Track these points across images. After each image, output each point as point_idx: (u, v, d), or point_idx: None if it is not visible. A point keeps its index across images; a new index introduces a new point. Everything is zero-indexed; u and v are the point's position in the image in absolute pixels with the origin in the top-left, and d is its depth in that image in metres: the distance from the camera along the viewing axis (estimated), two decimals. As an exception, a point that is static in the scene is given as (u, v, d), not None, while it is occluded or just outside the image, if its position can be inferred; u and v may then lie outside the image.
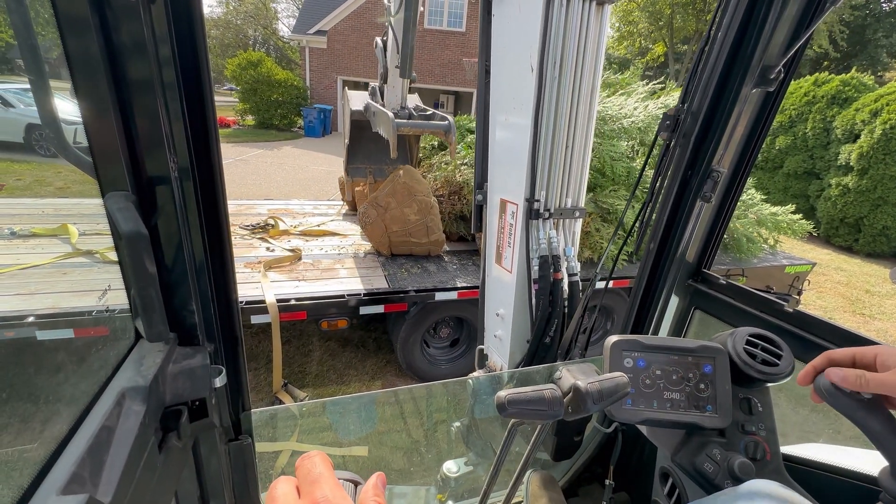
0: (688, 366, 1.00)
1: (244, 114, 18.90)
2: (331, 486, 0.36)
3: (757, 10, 1.17)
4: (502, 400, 0.80)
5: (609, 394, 0.79)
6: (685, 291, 1.57)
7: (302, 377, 4.09)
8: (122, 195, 0.71)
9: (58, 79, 0.69)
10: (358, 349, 4.61)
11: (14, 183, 4.33)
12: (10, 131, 5.34)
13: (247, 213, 5.24)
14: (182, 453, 0.88)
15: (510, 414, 0.81)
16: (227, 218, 0.87)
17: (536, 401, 0.81)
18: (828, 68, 20.95)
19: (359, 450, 2.84)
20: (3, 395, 0.90)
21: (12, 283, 2.85)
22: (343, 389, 3.97)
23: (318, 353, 4.46)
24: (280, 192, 9.49)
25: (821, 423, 1.75)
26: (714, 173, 1.32)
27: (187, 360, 0.83)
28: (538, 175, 1.80)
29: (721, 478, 0.92)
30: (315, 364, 4.30)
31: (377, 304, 3.62)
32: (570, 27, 1.64)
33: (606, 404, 0.80)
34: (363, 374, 4.24)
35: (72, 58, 0.63)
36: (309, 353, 4.46)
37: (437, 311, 3.92)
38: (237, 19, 37.85)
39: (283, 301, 3.33)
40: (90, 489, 0.57)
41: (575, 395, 0.80)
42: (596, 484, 1.82)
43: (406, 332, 3.92)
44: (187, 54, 0.72)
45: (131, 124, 0.69)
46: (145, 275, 0.73)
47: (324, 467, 0.38)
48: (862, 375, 0.71)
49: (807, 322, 1.20)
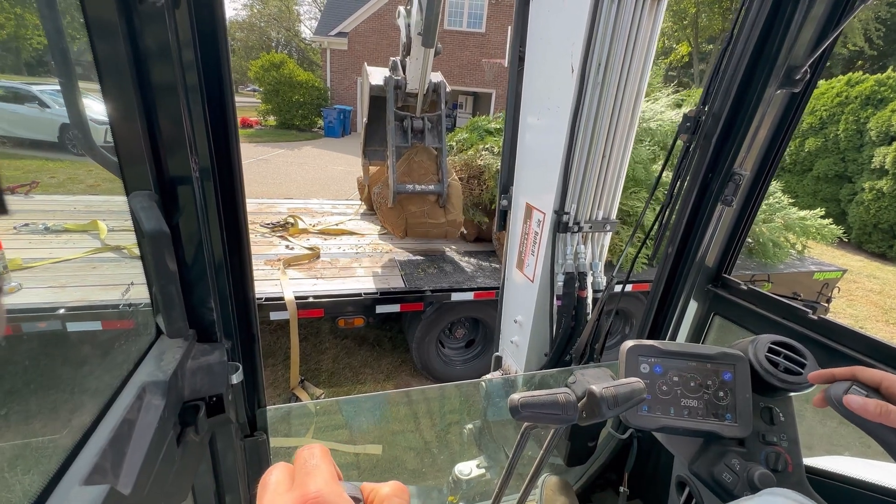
0: (707, 373, 0.98)
1: (266, 114, 19.32)
2: (325, 479, 0.34)
3: (783, 8, 1.13)
4: (515, 403, 0.79)
5: (624, 399, 0.77)
6: (704, 296, 1.53)
7: (318, 374, 4.15)
8: (145, 194, 0.73)
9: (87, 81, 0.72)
10: (374, 348, 4.64)
11: (48, 180, 4.46)
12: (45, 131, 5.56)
13: (267, 212, 5.32)
14: (199, 448, 0.90)
15: (523, 417, 0.80)
16: (246, 217, 0.89)
17: (550, 405, 0.79)
18: (861, 67, 20.20)
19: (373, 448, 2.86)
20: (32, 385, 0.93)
21: (45, 276, 2.92)
22: (358, 388, 4.01)
23: (334, 351, 4.51)
24: (300, 192, 9.62)
25: (848, 435, 1.69)
26: (736, 176, 1.29)
27: (205, 356, 0.85)
28: (570, 186, 1.68)
29: (740, 489, 0.90)
30: (331, 362, 4.35)
31: (393, 304, 3.65)
32: (621, 25, 1.48)
33: (621, 410, 0.78)
34: (378, 372, 4.28)
35: (100, 61, 0.66)
36: (325, 351, 4.52)
37: (453, 312, 3.91)
38: (261, 22, 39.06)
39: (301, 298, 3.38)
40: (111, 480, 0.59)
41: (589, 399, 0.79)
42: (610, 491, 1.79)
43: (421, 331, 3.93)
44: (210, 58, 0.74)
45: (155, 126, 0.71)
46: (166, 272, 0.75)
47: (322, 459, 0.36)
48: (884, 407, 0.68)
49: (832, 330, 1.15)
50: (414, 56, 3.41)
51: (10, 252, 2.84)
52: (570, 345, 1.88)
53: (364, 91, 4.26)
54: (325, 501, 0.32)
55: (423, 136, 3.99)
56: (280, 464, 0.38)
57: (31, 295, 2.53)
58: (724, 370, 0.98)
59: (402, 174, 3.98)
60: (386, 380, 4.18)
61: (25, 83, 5.29)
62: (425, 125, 3.96)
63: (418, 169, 4.02)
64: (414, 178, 4.01)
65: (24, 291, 2.52)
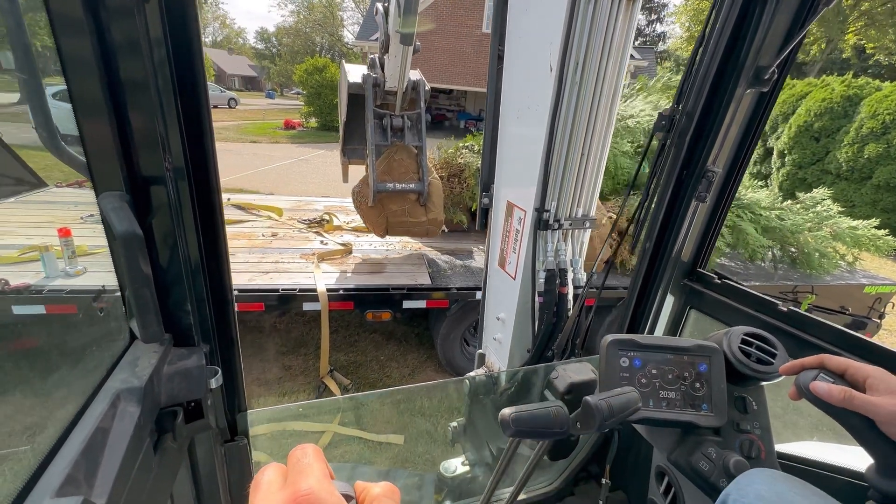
0: (683, 365, 1.01)
1: (308, 116, 20.03)
2: (317, 478, 0.34)
3: (751, 10, 1.17)
4: (506, 418, 0.78)
5: (619, 409, 0.77)
6: (681, 291, 1.57)
7: (347, 365, 4.32)
8: (116, 195, 0.71)
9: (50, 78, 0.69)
10: (401, 343, 4.80)
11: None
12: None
13: (305, 209, 5.62)
14: (177, 454, 0.88)
15: (515, 433, 0.78)
16: (223, 218, 0.87)
17: (542, 420, 0.78)
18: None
19: (395, 438, 2.89)
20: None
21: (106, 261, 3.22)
22: (384, 380, 4.17)
23: (363, 344, 4.70)
24: (337, 191, 9.71)
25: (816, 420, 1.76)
26: (709, 173, 1.33)
27: (182, 360, 0.83)
28: (550, 184, 1.70)
29: (717, 476, 0.93)
30: (360, 354, 4.54)
31: (419, 300, 3.77)
32: (597, 24, 1.50)
33: (616, 421, 0.77)
34: (404, 367, 4.41)
35: (65, 58, 0.63)
36: (355, 344, 4.71)
37: (478, 310, 3.97)
38: (306, 28, 41.04)
39: (333, 291, 3.58)
40: (85, 491, 0.57)
41: (584, 410, 0.78)
42: (593, 483, 1.82)
43: (446, 328, 4.02)
44: (182, 54, 0.72)
45: (126, 124, 0.69)
46: (140, 275, 0.72)
47: (314, 458, 0.37)
48: (847, 392, 0.71)
49: (802, 321, 1.20)
50: (392, 54, 3.36)
51: (78, 239, 3.15)
52: (552, 341, 1.90)
53: (342, 89, 4.21)
54: (317, 499, 0.32)
55: (403, 134, 3.97)
56: (273, 464, 0.38)
57: (94, 277, 2.93)
58: (700, 362, 1.01)
59: (382, 173, 3.96)
60: (411, 375, 4.30)
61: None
62: (405, 123, 3.94)
63: (398, 167, 4.00)
64: (394, 176, 3.99)
65: (88, 274, 2.96)
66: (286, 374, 4.14)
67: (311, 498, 0.32)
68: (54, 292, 2.80)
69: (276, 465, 0.38)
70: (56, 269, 3.03)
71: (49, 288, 2.85)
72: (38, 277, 2.97)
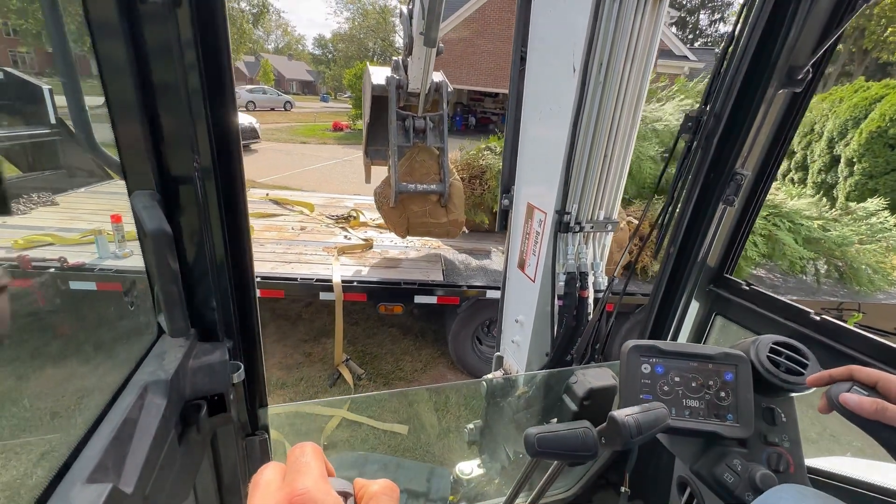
0: (708, 373, 0.98)
1: (355, 119, 20.42)
2: (314, 478, 0.35)
3: (784, 8, 1.13)
4: (531, 439, 0.75)
5: (648, 427, 0.74)
6: (706, 297, 1.53)
7: (363, 356, 4.53)
8: (147, 194, 0.73)
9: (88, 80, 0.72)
10: (416, 339, 4.94)
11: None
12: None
13: (335, 206, 6.07)
14: (201, 447, 0.90)
15: (539, 454, 0.75)
16: (247, 217, 0.89)
17: (570, 442, 0.75)
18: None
19: (399, 427, 2.94)
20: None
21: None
22: (396, 372, 4.34)
23: (380, 337, 4.90)
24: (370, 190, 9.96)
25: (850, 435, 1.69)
26: (737, 176, 1.29)
27: (207, 355, 0.85)
28: (571, 186, 1.68)
29: (742, 489, 0.90)
30: (377, 346, 4.73)
31: (430, 295, 3.87)
32: (622, 25, 1.47)
33: (644, 439, 0.75)
34: (417, 361, 4.54)
35: (102, 60, 0.66)
36: (373, 336, 4.93)
37: (488, 309, 4.04)
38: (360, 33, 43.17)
39: (348, 283, 3.74)
40: (113, 479, 0.59)
41: (610, 426, 0.76)
42: (611, 491, 1.79)
43: (457, 326, 4.09)
44: (211, 56, 0.74)
45: (157, 125, 0.71)
46: (168, 272, 0.75)
47: (313, 458, 0.37)
48: (880, 405, 0.68)
49: (834, 331, 1.15)
50: (416, 56, 3.39)
51: (128, 226, 3.38)
52: (572, 345, 1.88)
53: (366, 91, 4.28)
54: (312, 499, 0.33)
55: (425, 135, 4.00)
56: (272, 463, 0.39)
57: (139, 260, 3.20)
58: (725, 370, 0.98)
59: (404, 174, 4.00)
60: (423, 369, 4.43)
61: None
62: (427, 125, 3.97)
63: (420, 168, 4.03)
64: (416, 177, 4.02)
65: (134, 257, 3.23)
66: (306, 360, 4.37)
67: (307, 497, 0.33)
68: (104, 271, 3.18)
69: (274, 465, 0.38)
70: (107, 251, 3.40)
71: (100, 267, 3.23)
72: (92, 258, 3.36)
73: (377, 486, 0.39)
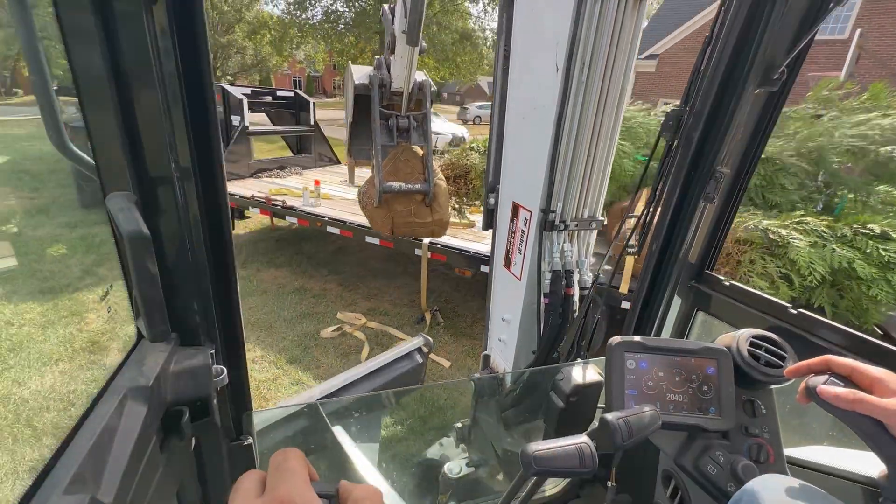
0: (691, 367, 1.00)
1: None
2: (296, 484, 0.35)
3: (760, 8, 1.16)
4: (528, 457, 0.73)
5: (639, 430, 0.75)
6: (688, 292, 1.56)
7: (445, 305, 5.72)
8: (123, 195, 0.71)
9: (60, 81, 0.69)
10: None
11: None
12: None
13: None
14: (184, 454, 0.88)
15: (536, 473, 0.74)
16: (229, 218, 0.87)
17: (569, 459, 0.73)
18: None
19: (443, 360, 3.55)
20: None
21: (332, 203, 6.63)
22: (467, 329, 5.23)
23: (465, 297, 6.02)
24: None
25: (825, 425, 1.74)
26: (717, 174, 1.31)
27: (189, 360, 0.83)
28: (556, 184, 1.69)
29: (724, 480, 0.92)
30: (460, 303, 5.85)
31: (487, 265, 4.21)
32: (604, 24, 1.49)
33: (635, 441, 0.75)
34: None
35: (74, 59, 0.64)
36: (458, 289, 6.17)
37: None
38: None
39: (433, 244, 4.92)
40: (92, 489, 0.57)
41: (601, 428, 0.76)
42: (598, 486, 1.81)
43: None
44: (189, 55, 0.72)
45: (133, 125, 0.69)
46: (147, 275, 0.73)
47: (296, 463, 0.37)
48: (857, 395, 0.70)
49: (811, 323, 1.19)
50: (399, 54, 3.37)
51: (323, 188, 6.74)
52: (558, 342, 1.90)
53: (348, 90, 4.23)
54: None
55: (409, 134, 3.99)
56: (252, 471, 0.39)
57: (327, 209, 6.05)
58: (707, 365, 1.00)
59: (388, 173, 3.97)
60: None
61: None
62: (411, 124, 3.96)
63: (404, 168, 4.01)
64: (400, 177, 4.00)
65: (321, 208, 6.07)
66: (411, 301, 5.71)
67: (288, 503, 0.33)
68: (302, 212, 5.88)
69: (254, 473, 0.38)
70: (308, 201, 6.10)
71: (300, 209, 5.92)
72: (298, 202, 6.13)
73: (361, 491, 0.39)
